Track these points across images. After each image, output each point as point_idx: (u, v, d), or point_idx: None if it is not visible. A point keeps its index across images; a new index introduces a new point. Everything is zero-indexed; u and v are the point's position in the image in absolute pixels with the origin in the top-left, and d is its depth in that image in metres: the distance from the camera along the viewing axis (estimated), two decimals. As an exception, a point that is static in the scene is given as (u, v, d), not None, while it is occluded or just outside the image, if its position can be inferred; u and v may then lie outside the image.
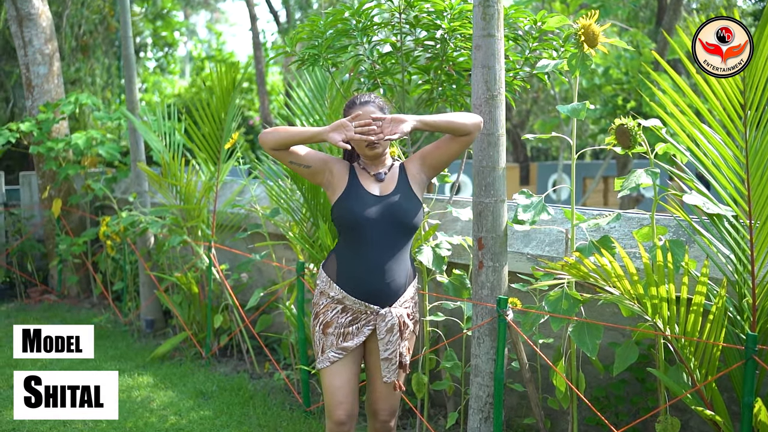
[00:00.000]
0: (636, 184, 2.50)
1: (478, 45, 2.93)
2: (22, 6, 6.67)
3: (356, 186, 2.67)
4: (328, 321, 2.63)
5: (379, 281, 2.59)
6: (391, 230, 2.60)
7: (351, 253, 2.64)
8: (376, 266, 2.59)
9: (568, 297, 2.75)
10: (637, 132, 2.52)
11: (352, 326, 2.62)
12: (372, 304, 2.60)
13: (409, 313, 2.67)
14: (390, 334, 2.59)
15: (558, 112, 9.09)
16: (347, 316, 2.63)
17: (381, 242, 2.59)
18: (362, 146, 2.65)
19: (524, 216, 2.82)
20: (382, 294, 2.60)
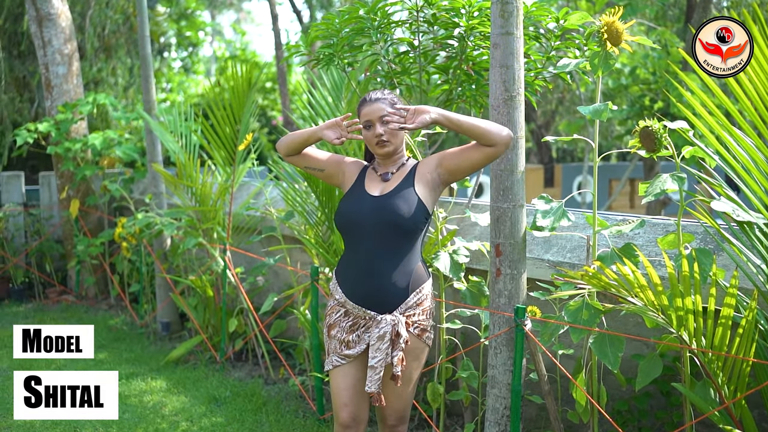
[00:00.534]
0: (661, 189, 2.37)
1: (497, 43, 2.81)
2: (41, 6, 6.66)
3: (358, 187, 2.62)
4: (332, 323, 2.61)
5: (373, 286, 2.52)
6: (385, 232, 2.51)
7: (348, 256, 2.61)
8: (370, 270, 2.52)
9: (588, 307, 2.63)
10: (662, 134, 2.39)
11: (353, 333, 2.56)
12: (368, 309, 2.53)
13: (413, 321, 2.55)
14: (380, 342, 2.48)
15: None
16: (349, 320, 2.58)
17: (375, 245, 2.51)
18: (372, 144, 2.59)
19: (543, 222, 2.70)
20: (377, 299, 2.52)
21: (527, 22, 3.50)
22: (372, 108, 2.57)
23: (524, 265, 2.91)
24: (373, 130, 2.56)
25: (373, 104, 2.57)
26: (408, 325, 2.53)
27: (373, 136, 2.56)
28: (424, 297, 2.58)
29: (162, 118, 5.57)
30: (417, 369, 2.61)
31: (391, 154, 2.61)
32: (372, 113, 2.56)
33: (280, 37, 11.71)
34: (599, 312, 2.60)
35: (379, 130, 2.54)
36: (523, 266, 2.91)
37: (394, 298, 2.52)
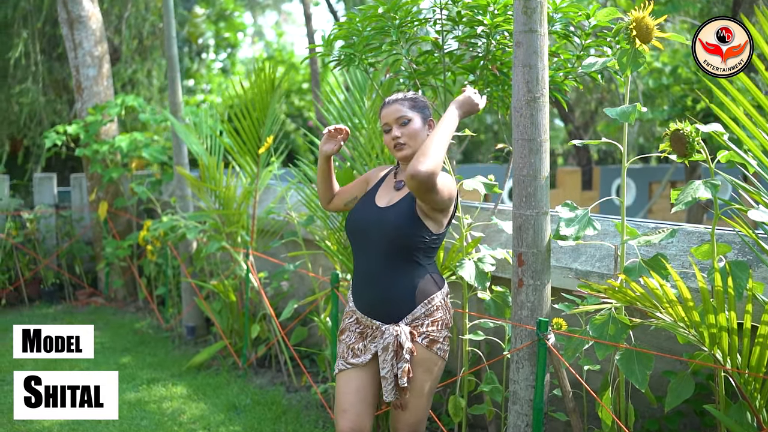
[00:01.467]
0: (692, 197, 2.20)
1: (519, 41, 2.66)
2: (72, 8, 6.68)
3: (371, 194, 2.58)
4: (344, 327, 2.59)
5: (377, 296, 2.47)
6: (386, 244, 2.45)
7: (356, 264, 2.59)
8: (373, 280, 2.48)
9: (615, 321, 2.48)
10: (694, 138, 2.22)
11: (361, 342, 2.52)
12: (374, 319, 2.48)
13: (421, 332, 2.47)
14: (385, 353, 2.43)
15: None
16: (358, 328, 2.55)
17: (378, 255, 2.46)
18: (391, 147, 2.53)
19: (567, 231, 2.54)
20: (382, 310, 2.47)
21: (556, 20, 3.35)
22: (389, 110, 2.51)
23: (548, 276, 2.76)
24: (390, 133, 2.50)
25: (391, 107, 2.51)
26: (414, 335, 2.45)
27: (391, 139, 2.50)
28: (434, 308, 2.49)
29: (187, 119, 5.52)
30: (429, 381, 2.51)
31: (410, 158, 2.51)
32: (389, 116, 2.51)
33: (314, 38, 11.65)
34: (626, 327, 2.45)
35: (395, 133, 2.49)
36: (547, 277, 2.75)
37: (400, 309, 2.46)
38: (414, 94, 2.59)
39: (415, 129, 2.50)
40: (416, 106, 2.53)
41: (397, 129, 2.48)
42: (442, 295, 2.53)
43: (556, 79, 3.39)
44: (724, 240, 2.83)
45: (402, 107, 2.50)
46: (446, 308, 2.54)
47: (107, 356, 5.28)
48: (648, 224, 3.17)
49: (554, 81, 3.37)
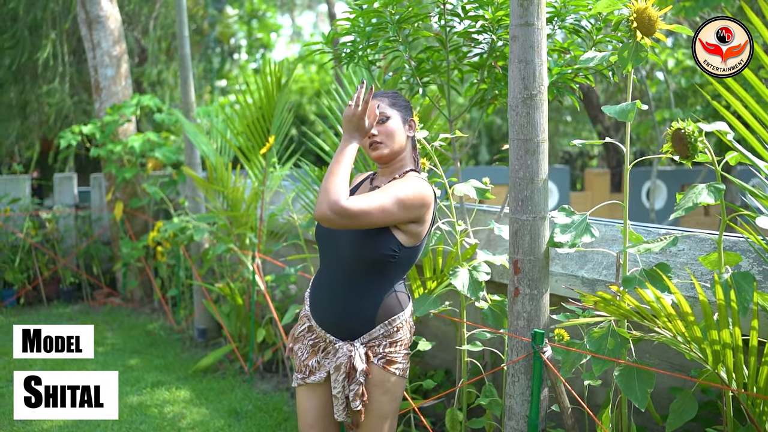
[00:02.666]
0: (693, 203, 2.03)
1: (515, 36, 2.51)
2: (90, 9, 6.67)
3: None
4: (297, 336, 2.39)
5: (335, 310, 2.27)
6: (350, 257, 2.23)
7: (319, 270, 2.40)
8: (334, 293, 2.28)
9: (614, 335, 2.31)
10: (696, 138, 2.05)
11: (313, 357, 2.32)
12: (329, 333, 2.29)
13: (377, 352, 2.26)
14: (337, 373, 2.24)
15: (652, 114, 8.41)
16: (311, 337, 2.35)
17: (342, 268, 2.26)
18: (366, 145, 2.33)
19: (562, 237, 2.38)
20: (339, 325, 2.27)
21: (566, 13, 3.19)
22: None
23: (546, 285, 2.60)
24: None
25: (371, 101, 2.29)
26: (369, 356, 2.25)
27: (368, 138, 2.31)
28: (394, 329, 2.28)
29: (198, 120, 5.45)
30: (388, 401, 2.28)
31: (386, 159, 2.33)
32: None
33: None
34: (626, 341, 2.28)
35: (372, 131, 2.27)
36: (545, 285, 2.59)
37: (357, 327, 2.25)
38: (395, 92, 2.42)
39: (394, 128, 2.31)
40: (396, 104, 2.35)
41: (376, 126, 2.29)
42: (405, 316, 2.33)
43: (566, 76, 3.22)
44: (737, 248, 2.64)
45: (382, 103, 2.31)
46: (408, 328, 2.36)
47: (116, 357, 5.23)
48: (659, 230, 2.98)
49: (564, 78, 3.21)
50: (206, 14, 15.74)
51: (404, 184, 2.21)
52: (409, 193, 2.18)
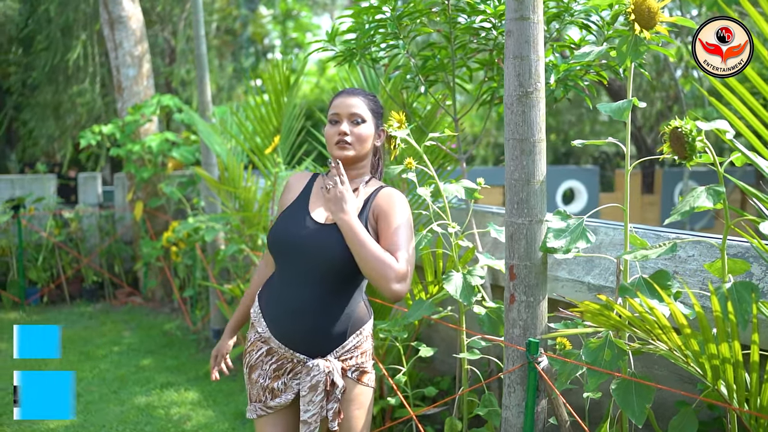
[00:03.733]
0: (690, 207, 1.89)
1: (510, 30, 2.39)
2: (113, 9, 6.69)
3: (301, 204, 2.18)
4: (253, 364, 2.14)
5: (305, 326, 2.07)
6: (324, 269, 2.06)
7: (279, 284, 2.13)
8: (303, 308, 2.07)
9: (611, 346, 2.18)
10: (695, 138, 1.91)
11: (278, 380, 2.12)
12: (297, 352, 2.09)
13: (350, 365, 2.14)
14: (313, 393, 2.07)
15: (684, 112, 8.15)
16: (272, 361, 2.12)
17: (312, 280, 2.07)
18: (332, 142, 2.16)
19: (556, 243, 2.26)
20: (308, 341, 2.08)
21: (576, 10, 3.06)
22: (346, 102, 2.16)
23: (543, 291, 2.47)
24: (337, 127, 2.14)
25: (349, 98, 2.16)
26: (344, 370, 2.12)
27: (336, 133, 2.14)
28: (363, 339, 2.18)
29: (214, 120, 5.41)
30: (363, 416, 2.17)
31: (349, 161, 2.18)
32: (344, 107, 2.15)
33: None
34: (623, 353, 2.15)
35: (344, 128, 2.13)
36: (542, 292, 2.47)
37: (330, 342, 2.10)
38: (375, 96, 2.29)
39: (366, 133, 2.18)
40: (374, 110, 2.22)
41: (348, 125, 2.14)
42: (371, 325, 2.23)
43: (577, 73, 3.09)
44: (749, 255, 2.48)
45: (361, 103, 2.17)
46: (371, 337, 2.26)
47: (130, 357, 5.23)
48: (668, 234, 2.84)
49: (572, 76, 3.08)
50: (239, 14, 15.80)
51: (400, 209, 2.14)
52: (409, 216, 2.16)
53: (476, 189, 2.69)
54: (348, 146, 2.15)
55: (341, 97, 2.18)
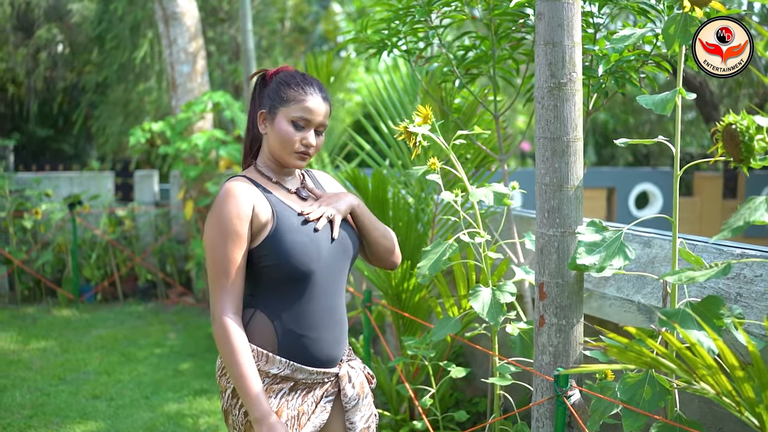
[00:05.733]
0: (744, 222, 1.54)
1: (541, 13, 2.08)
2: (167, 5, 6.62)
3: (286, 211, 1.84)
4: (276, 411, 1.78)
5: (337, 337, 1.91)
6: (343, 268, 1.93)
7: (296, 307, 1.81)
8: (332, 319, 1.88)
9: (652, 383, 1.86)
10: (752, 137, 1.56)
11: (305, 402, 1.83)
12: (330, 369, 1.88)
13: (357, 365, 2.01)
14: (363, 396, 1.93)
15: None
16: (297, 393, 1.82)
17: (334, 283, 1.90)
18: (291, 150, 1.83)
19: (587, 259, 1.93)
20: (340, 352, 1.92)
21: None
22: (321, 108, 1.85)
23: (578, 314, 2.15)
24: (303, 134, 1.83)
25: (323, 103, 1.86)
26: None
27: (301, 142, 1.82)
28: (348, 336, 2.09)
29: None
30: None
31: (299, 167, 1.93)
32: (317, 113, 1.84)
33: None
34: (666, 392, 1.82)
35: (311, 140, 1.83)
36: (576, 315, 2.14)
37: (347, 343, 2.00)
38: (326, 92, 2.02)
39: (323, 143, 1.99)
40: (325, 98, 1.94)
41: (314, 136, 1.85)
42: None
43: (629, 64, 2.72)
44: (828, 277, 2.09)
45: (327, 112, 1.88)
46: None
47: (170, 360, 5.10)
48: (732, 249, 2.45)
49: (625, 67, 2.71)
50: (309, 12, 15.73)
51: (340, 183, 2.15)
52: None
53: (506, 194, 2.37)
54: (308, 158, 1.87)
55: (315, 99, 1.84)
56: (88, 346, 5.49)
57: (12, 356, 5.27)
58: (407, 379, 3.28)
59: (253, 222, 1.78)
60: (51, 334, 5.81)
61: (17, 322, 6.22)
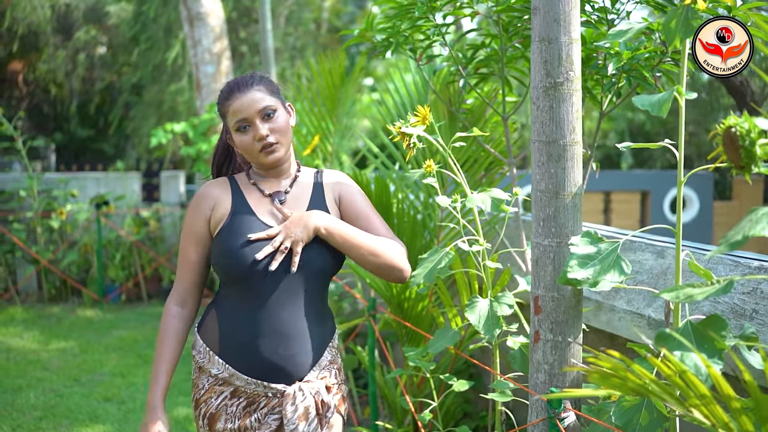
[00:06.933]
0: (743, 236, 1.38)
1: (536, 7, 1.95)
2: (192, 6, 6.60)
3: (246, 215, 1.80)
4: (214, 412, 1.78)
5: (282, 351, 1.75)
6: (298, 279, 1.76)
7: (238, 311, 1.78)
8: (277, 332, 1.75)
9: (650, 408, 1.71)
10: (753, 141, 1.40)
11: (250, 417, 1.77)
12: (273, 383, 1.76)
13: (330, 384, 1.82)
14: (305, 423, 1.74)
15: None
16: (240, 401, 1.78)
17: (283, 297, 1.76)
18: (255, 152, 1.79)
19: (579, 273, 1.78)
20: (288, 367, 1.76)
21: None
22: (245, 100, 1.77)
23: (575, 330, 2.00)
24: (252, 132, 1.77)
25: (246, 95, 1.77)
26: (328, 389, 1.82)
27: (254, 139, 1.76)
28: (335, 352, 1.89)
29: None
30: None
31: (283, 161, 1.84)
32: (247, 107, 1.76)
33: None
34: (664, 418, 1.67)
35: (262, 131, 1.76)
36: (573, 331, 2.00)
37: (309, 362, 1.79)
38: (263, 75, 1.87)
39: (284, 121, 1.81)
40: (275, 91, 1.84)
41: (262, 124, 1.76)
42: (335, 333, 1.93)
43: (645, 62, 2.56)
44: None
45: (261, 93, 1.78)
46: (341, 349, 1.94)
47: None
48: (750, 262, 2.28)
49: (639, 66, 2.55)
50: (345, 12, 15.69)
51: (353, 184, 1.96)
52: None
53: (504, 200, 2.23)
54: (276, 146, 1.79)
55: (236, 97, 1.78)
56: (106, 347, 5.49)
57: (32, 356, 5.29)
58: (411, 391, 3.16)
59: (211, 220, 1.81)
60: (72, 335, 5.83)
61: (42, 321, 6.26)
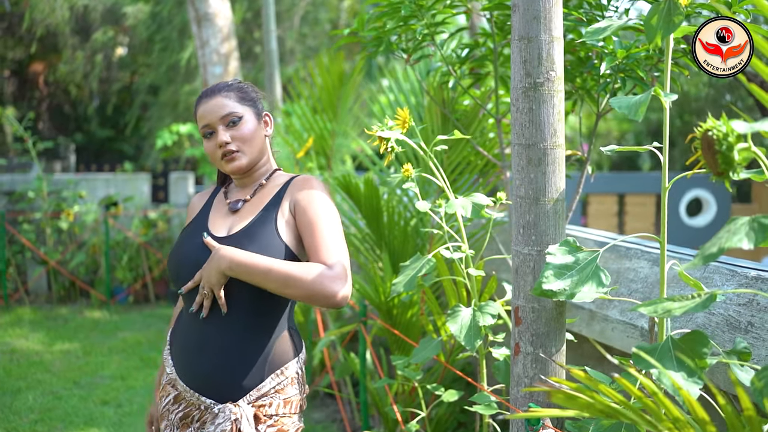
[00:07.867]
0: (719, 249, 1.28)
1: (515, 4, 1.86)
2: (199, 6, 6.56)
3: (199, 221, 1.82)
4: (161, 413, 1.79)
5: (209, 364, 1.68)
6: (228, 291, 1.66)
7: (183, 316, 1.78)
8: (205, 342, 1.68)
9: (630, 427, 1.62)
10: (731, 146, 1.30)
11: (186, 430, 1.72)
12: (203, 396, 1.69)
13: (267, 414, 1.69)
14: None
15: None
16: (179, 409, 1.74)
17: (215, 311, 1.68)
18: (217, 158, 1.76)
19: (555, 284, 1.68)
20: (215, 383, 1.68)
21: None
22: (209, 106, 1.74)
23: (557, 343, 1.91)
24: (214, 139, 1.74)
25: (210, 101, 1.74)
26: (259, 420, 1.67)
27: (216, 146, 1.74)
28: (287, 382, 1.73)
29: (278, 119, 5.10)
30: None
31: (246, 170, 1.77)
32: (209, 113, 1.74)
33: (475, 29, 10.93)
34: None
35: (223, 138, 1.72)
36: (555, 344, 1.91)
37: (241, 383, 1.68)
38: (241, 83, 1.83)
39: (249, 129, 1.74)
40: (246, 98, 1.78)
41: (224, 131, 1.72)
42: (299, 364, 1.78)
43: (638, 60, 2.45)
44: None
45: (227, 100, 1.74)
46: (301, 383, 1.79)
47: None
48: (748, 271, 2.16)
49: (633, 65, 2.44)
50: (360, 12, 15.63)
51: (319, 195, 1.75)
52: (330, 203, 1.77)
53: (483, 205, 2.13)
54: (236, 155, 1.74)
55: (201, 104, 1.77)
56: (109, 350, 5.46)
57: (35, 357, 5.28)
58: (403, 400, 3.08)
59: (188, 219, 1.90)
60: (77, 336, 5.81)
61: (49, 322, 6.25)
